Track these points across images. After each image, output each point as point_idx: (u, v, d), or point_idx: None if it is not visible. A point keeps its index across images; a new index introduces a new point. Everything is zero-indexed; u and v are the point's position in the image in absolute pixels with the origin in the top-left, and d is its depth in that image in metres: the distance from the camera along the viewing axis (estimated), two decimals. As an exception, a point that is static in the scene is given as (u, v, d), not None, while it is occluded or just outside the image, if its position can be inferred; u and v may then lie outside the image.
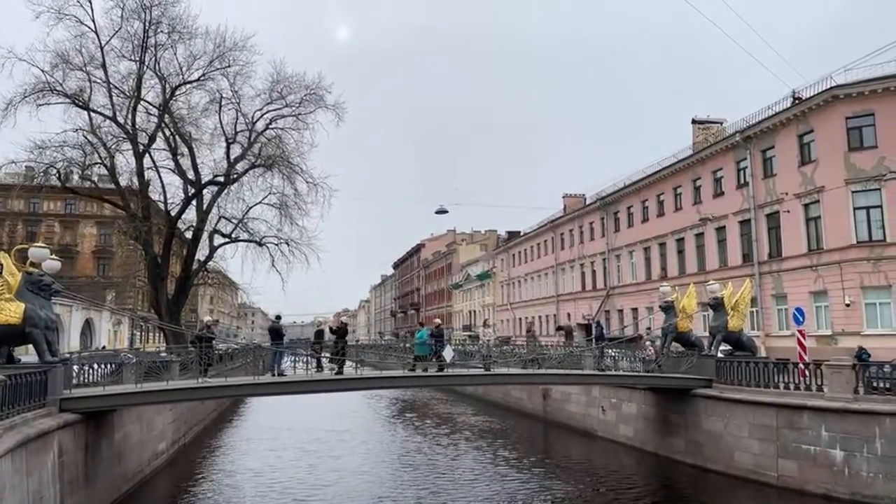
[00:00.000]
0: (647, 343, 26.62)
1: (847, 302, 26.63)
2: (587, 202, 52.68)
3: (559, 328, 49.31)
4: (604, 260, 48.35)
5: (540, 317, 60.50)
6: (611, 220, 47.74)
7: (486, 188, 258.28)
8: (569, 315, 52.73)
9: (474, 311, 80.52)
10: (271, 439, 28.42)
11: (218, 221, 35.24)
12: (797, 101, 29.74)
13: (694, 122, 40.13)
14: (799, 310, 22.48)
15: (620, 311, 45.78)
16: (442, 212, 37.69)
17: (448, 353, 20.03)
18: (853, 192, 27.26)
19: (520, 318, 65.74)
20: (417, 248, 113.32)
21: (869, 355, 21.31)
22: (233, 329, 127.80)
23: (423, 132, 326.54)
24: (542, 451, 26.70)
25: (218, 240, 35.59)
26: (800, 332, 21.38)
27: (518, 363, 23.95)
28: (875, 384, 17.23)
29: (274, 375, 19.01)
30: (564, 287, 55.81)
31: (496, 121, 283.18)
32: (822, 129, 28.62)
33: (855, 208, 27.23)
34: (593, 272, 50.64)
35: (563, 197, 58.81)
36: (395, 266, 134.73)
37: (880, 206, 26.65)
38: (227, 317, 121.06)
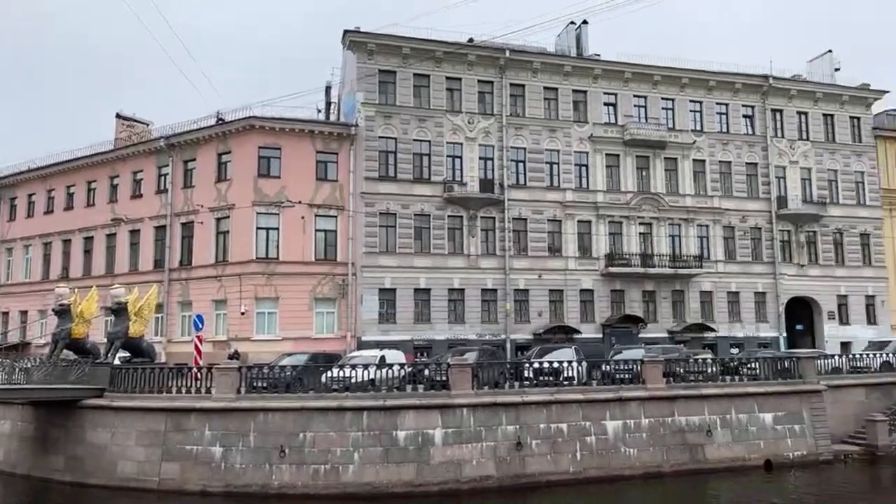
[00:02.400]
0: None
1: (242, 310, 29.63)
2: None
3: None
4: (-10, 252, 40.45)
5: None
6: (6, 206, 40.51)
7: None
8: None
9: None
10: None
11: None
12: (220, 122, 31.88)
13: (119, 116, 38.20)
14: (199, 316, 23.75)
15: (6, 313, 39.05)
16: None
17: None
18: (258, 213, 30.77)
19: None
20: None
21: (239, 356, 24.21)
22: None
23: None
24: None
25: None
26: (197, 337, 22.54)
27: None
28: (255, 384, 19.49)
29: None
30: (-73, 282, 43.99)
31: None
32: (238, 152, 31.40)
33: (258, 228, 30.77)
34: (-27, 266, 41.68)
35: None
36: None
37: (278, 229, 30.89)
38: None
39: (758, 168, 37.72)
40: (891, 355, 26.18)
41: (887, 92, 40.02)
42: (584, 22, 36.71)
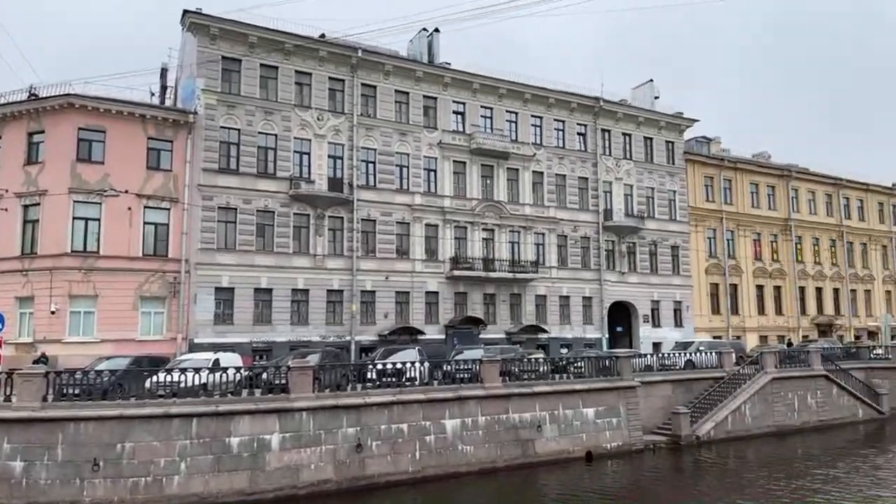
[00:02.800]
0: None
1: (53, 309, 26.50)
2: None
3: None
4: None
5: None
6: None
7: None
8: None
9: None
10: None
11: None
12: (33, 98, 28.33)
13: None
14: (-1, 316, 20.84)
15: None
16: None
17: None
18: (76, 201, 27.71)
19: None
20: None
21: (47, 360, 21.73)
22: None
23: None
24: None
25: None
26: (-4, 339, 19.77)
27: None
28: (66, 391, 17.47)
29: None
30: None
31: None
32: (54, 133, 28.07)
33: (75, 218, 27.69)
34: None
35: None
36: None
37: (99, 220, 28.02)
38: None
39: (588, 182, 40.82)
40: (693, 355, 29.52)
41: (697, 121, 45.29)
42: (436, 30, 37.52)
